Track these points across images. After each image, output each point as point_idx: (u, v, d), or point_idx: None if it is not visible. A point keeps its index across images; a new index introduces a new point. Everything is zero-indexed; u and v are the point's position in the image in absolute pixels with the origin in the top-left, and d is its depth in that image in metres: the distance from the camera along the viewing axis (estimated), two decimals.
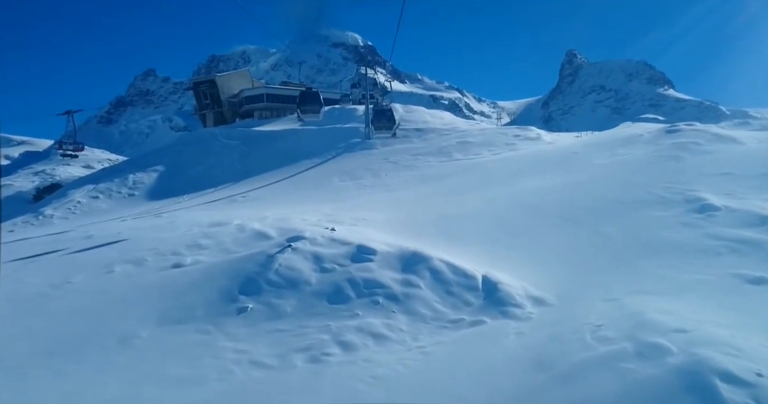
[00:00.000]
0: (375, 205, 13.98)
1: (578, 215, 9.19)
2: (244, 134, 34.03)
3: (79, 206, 20.39)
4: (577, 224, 8.83)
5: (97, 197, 21.48)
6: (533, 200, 10.62)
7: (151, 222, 12.01)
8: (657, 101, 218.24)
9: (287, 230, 8.82)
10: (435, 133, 28.82)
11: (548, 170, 13.79)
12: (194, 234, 9.26)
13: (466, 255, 7.81)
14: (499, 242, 8.51)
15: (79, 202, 20.73)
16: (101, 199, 21.37)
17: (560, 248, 7.86)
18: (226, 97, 52.43)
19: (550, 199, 10.51)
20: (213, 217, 11.98)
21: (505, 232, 9.03)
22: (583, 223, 8.80)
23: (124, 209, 19.40)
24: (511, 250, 8.07)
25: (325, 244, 7.78)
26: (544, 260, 7.47)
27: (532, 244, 8.24)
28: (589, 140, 19.11)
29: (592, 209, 9.41)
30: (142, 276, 6.86)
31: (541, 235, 8.58)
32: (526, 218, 9.59)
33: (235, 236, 8.84)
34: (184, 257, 7.66)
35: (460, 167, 19.24)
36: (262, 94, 49.13)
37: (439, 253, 7.50)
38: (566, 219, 9.08)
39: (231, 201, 17.67)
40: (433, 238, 9.12)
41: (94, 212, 19.34)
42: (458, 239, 8.97)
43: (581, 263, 7.25)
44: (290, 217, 11.19)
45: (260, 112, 49.70)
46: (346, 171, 21.94)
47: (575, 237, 8.25)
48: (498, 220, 9.78)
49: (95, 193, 21.96)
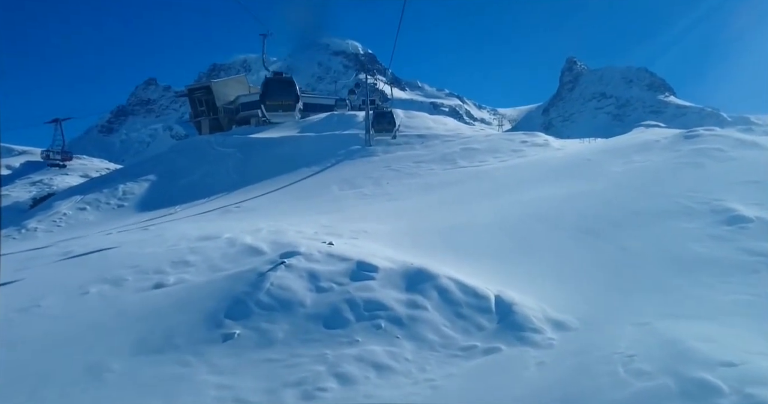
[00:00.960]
0: (376, 215, 13.55)
1: (597, 226, 8.73)
2: (240, 142, 33.74)
3: (64, 218, 19.98)
4: (597, 236, 8.37)
5: (85, 209, 21.07)
6: (547, 210, 10.17)
7: (137, 236, 11.57)
8: (658, 108, 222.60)
9: (281, 245, 8.38)
10: (438, 139, 28.47)
11: (560, 177, 13.34)
12: (181, 249, 8.81)
13: (476, 272, 7.34)
14: (511, 257, 8.04)
15: (65, 214, 20.32)
16: (88, 211, 20.96)
17: (580, 264, 7.39)
18: (222, 103, 52.32)
19: (565, 209, 10.05)
20: (203, 229, 11.55)
21: (517, 246, 8.57)
22: (603, 236, 8.34)
23: (113, 221, 18.98)
24: (525, 266, 7.60)
25: (322, 260, 7.32)
26: (563, 278, 7.00)
27: (548, 259, 7.77)
28: (601, 146, 18.69)
29: (612, 220, 8.95)
30: (119, 298, 6.40)
31: (558, 249, 8.11)
32: (541, 230, 9.13)
33: (224, 252, 8.40)
34: (168, 275, 7.21)
35: (466, 174, 18.82)
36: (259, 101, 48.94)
37: (447, 269, 7.04)
38: (585, 231, 8.62)
39: (225, 212, 17.24)
40: (439, 252, 8.67)
41: (81, 225, 18.93)
42: (467, 253, 8.51)
43: (604, 281, 6.77)
44: (285, 229, 10.76)
45: (257, 118, 49.49)
46: (345, 179, 21.54)
47: (596, 252, 7.78)
48: (509, 232, 9.33)
49: (82, 204, 21.56)
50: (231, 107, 52.34)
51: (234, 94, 52.45)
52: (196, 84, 51.24)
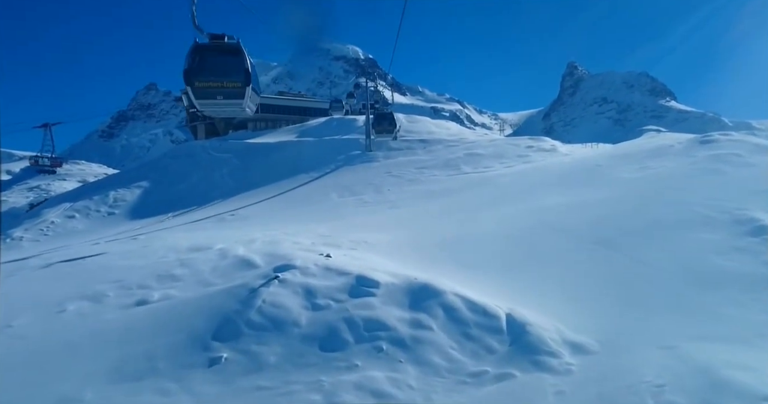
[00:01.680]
0: (377, 224, 13.21)
1: (613, 237, 8.38)
2: (236, 147, 33.49)
3: (52, 227, 19.65)
4: (611, 248, 8.01)
5: (73, 217, 20.74)
6: (557, 219, 9.82)
7: (124, 246, 11.23)
8: (659, 113, 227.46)
9: (276, 257, 8.04)
10: (441, 144, 28.20)
11: (570, 184, 13.01)
12: (169, 262, 8.47)
13: (484, 287, 6.99)
14: (521, 271, 7.68)
15: (52, 222, 19.99)
16: (77, 219, 20.63)
17: (597, 279, 7.03)
18: None
19: (576, 218, 9.71)
20: (194, 239, 11.22)
21: (527, 257, 8.21)
22: (620, 247, 7.98)
23: (102, 229, 18.65)
24: (536, 280, 7.24)
25: (319, 274, 6.97)
26: (578, 294, 6.64)
27: (560, 273, 7.41)
28: (611, 151, 18.38)
29: (629, 230, 8.60)
30: (98, 316, 6.05)
31: (571, 262, 7.75)
32: (551, 240, 8.78)
33: (215, 264, 8.05)
34: (153, 291, 6.86)
35: (470, 181, 18.51)
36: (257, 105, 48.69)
37: (453, 285, 6.69)
38: (598, 242, 8.27)
39: (219, 220, 16.91)
40: (444, 265, 8.32)
41: (69, 234, 18.59)
42: (474, 266, 8.15)
43: (623, 297, 6.41)
44: (281, 240, 10.43)
45: (254, 123, 49.29)
46: (345, 186, 21.23)
47: (613, 265, 7.43)
48: (518, 243, 8.98)
49: (71, 212, 21.23)
50: None
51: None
52: None
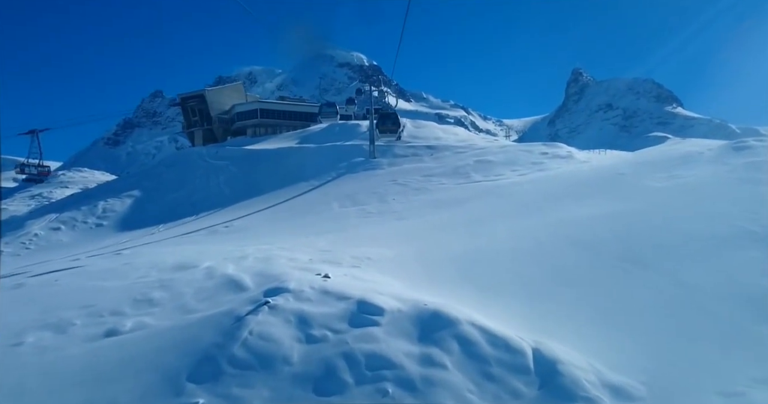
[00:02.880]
0: (381, 237, 12.59)
1: (647, 255, 7.70)
2: (234, 154, 33.09)
3: (35, 239, 19.14)
4: (648, 268, 7.33)
5: (59, 229, 20.25)
6: (581, 234, 9.15)
7: (105, 263, 10.64)
8: (665, 119, 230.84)
9: (267, 278, 7.43)
10: (449, 150, 27.65)
11: (592, 194, 12.35)
12: (149, 282, 7.86)
13: (504, 314, 6.33)
14: (545, 294, 7.01)
15: (36, 235, 19.49)
16: (63, 231, 20.13)
17: (635, 305, 6.36)
18: (216, 113, 51.93)
19: (603, 232, 9.04)
20: (181, 255, 10.63)
21: (551, 278, 7.55)
22: (656, 267, 7.31)
23: (88, 242, 18.11)
24: (564, 306, 6.57)
25: (315, 299, 6.33)
26: (614, 323, 5.96)
27: (591, 297, 6.74)
28: (634, 158, 17.72)
29: (664, 247, 7.92)
30: (59, 351, 5.43)
31: (602, 283, 7.08)
32: (576, 258, 8.12)
33: (200, 286, 7.43)
34: (125, 318, 6.23)
35: (481, 190, 17.87)
36: (256, 110, 48.51)
37: (469, 311, 6.03)
38: (633, 261, 7.59)
39: (211, 232, 16.33)
40: (456, 286, 7.67)
41: (53, 247, 18.07)
42: (490, 287, 7.50)
43: (667, 327, 5.73)
44: (275, 256, 9.82)
45: (253, 129, 48.99)
46: (347, 195, 20.64)
47: (651, 288, 6.75)
48: (539, 261, 8.32)
49: (57, 223, 20.75)
50: (226, 116, 51.93)
51: (230, 103, 52.06)
52: (190, 92, 50.83)
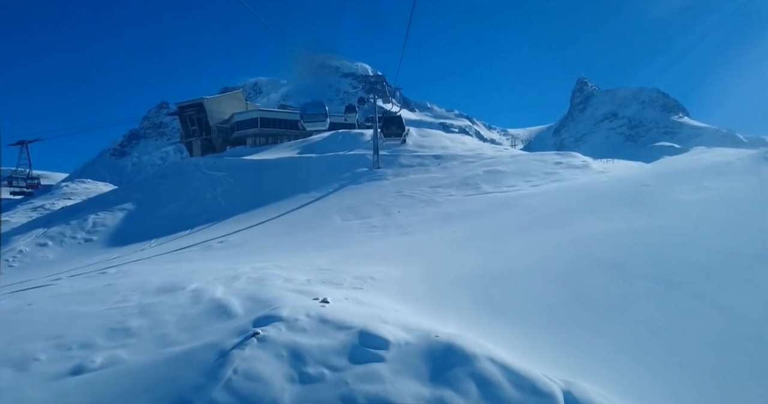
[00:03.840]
0: (385, 254, 12.02)
1: (683, 277, 7.09)
2: (232, 164, 32.75)
3: (19, 256, 18.66)
4: (685, 291, 6.72)
5: (46, 245, 19.78)
6: (606, 252, 8.55)
7: (84, 284, 10.11)
8: (672, 129, 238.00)
9: (259, 303, 6.86)
10: (457, 160, 27.16)
11: (614, 208, 11.75)
12: (128, 308, 7.32)
13: (526, 346, 5.73)
14: (572, 322, 6.40)
15: (20, 252, 19.01)
16: (50, 247, 19.66)
17: (673, 334, 5.74)
18: (215, 122, 51.80)
19: (630, 250, 8.44)
20: (169, 275, 10.10)
21: (576, 303, 6.94)
22: (694, 290, 6.69)
23: (75, 258, 17.63)
24: (594, 336, 5.96)
25: (311, 328, 5.76)
26: (654, 358, 5.35)
27: (624, 325, 6.13)
28: (656, 169, 17.12)
29: (701, 267, 7.31)
30: (16, 392, 4.87)
31: (637, 310, 6.47)
32: (603, 280, 7.51)
33: (184, 312, 6.88)
34: (96, 352, 5.68)
35: (492, 202, 17.30)
36: (256, 119, 48.31)
37: (486, 344, 5.43)
38: (667, 284, 6.98)
39: (205, 248, 15.81)
40: (470, 312, 7.08)
41: (38, 265, 17.58)
42: (507, 313, 6.90)
43: (718, 363, 5.11)
44: (270, 276, 9.27)
45: (253, 138, 48.80)
46: (350, 207, 20.12)
47: (691, 315, 6.13)
48: (561, 282, 7.71)
49: (44, 239, 20.30)
50: (225, 126, 51.79)
51: (229, 112, 51.97)
52: (188, 101, 50.75)
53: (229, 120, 50.76)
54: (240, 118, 49.23)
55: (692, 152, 19.43)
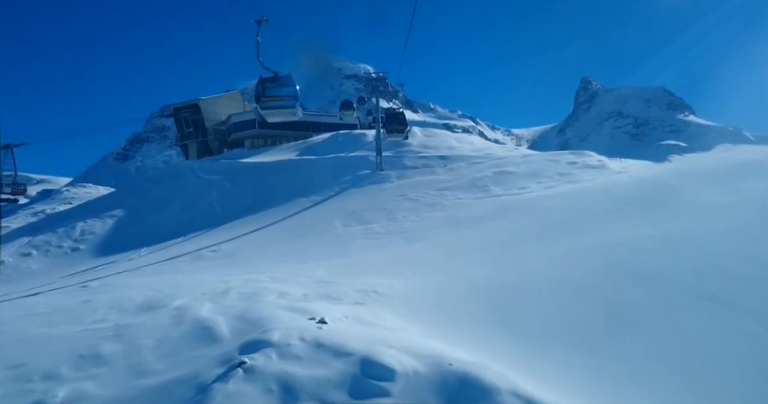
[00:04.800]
0: (389, 264, 11.44)
1: (729, 292, 6.47)
2: (228, 168, 32.26)
3: (1, 268, 18.15)
4: (733, 308, 6.09)
5: (30, 255, 19.29)
6: (639, 263, 7.93)
7: (61, 301, 9.57)
8: (678, 127, 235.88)
9: (249, 323, 6.29)
10: (464, 161, 26.57)
11: (640, 212, 11.14)
12: (103, 330, 6.77)
13: (553, 374, 5.13)
14: (605, 344, 5.79)
15: (2, 262, 18.51)
16: (34, 257, 19.17)
17: (727, 359, 5.13)
18: (211, 124, 51.36)
19: (667, 261, 7.81)
20: (154, 289, 9.55)
21: (609, 322, 6.32)
22: (743, 307, 6.07)
23: (60, 269, 17.14)
24: (632, 362, 5.35)
25: (306, 355, 5.18)
26: (707, 392, 4.73)
27: (669, 348, 5.52)
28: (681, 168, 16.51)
29: (747, 280, 6.69)
30: None
31: (680, 330, 5.85)
32: (639, 295, 6.89)
33: (163, 335, 6.30)
34: (60, 384, 5.11)
35: (503, 205, 16.69)
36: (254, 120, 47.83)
37: (508, 373, 4.83)
38: (711, 299, 6.36)
39: (196, 258, 15.26)
40: (486, 332, 6.47)
41: (20, 276, 17.07)
42: (530, 334, 6.29)
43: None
44: (264, 290, 8.70)
45: (251, 140, 48.34)
46: (352, 212, 19.55)
47: (742, 335, 5.51)
48: (589, 298, 7.10)
49: (28, 248, 19.81)
50: (222, 127, 51.35)
51: (226, 113, 51.53)
52: (183, 102, 50.35)
53: (225, 121, 50.33)
54: (237, 119, 48.78)
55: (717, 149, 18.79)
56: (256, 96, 14.63)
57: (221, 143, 50.73)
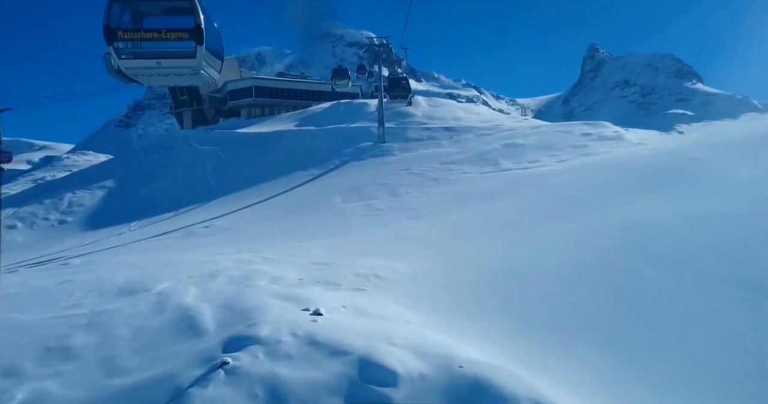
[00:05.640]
0: (392, 244, 10.98)
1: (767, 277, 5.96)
2: (224, 138, 31.60)
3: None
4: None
5: (15, 227, 18.86)
6: (664, 245, 7.41)
7: (39, 280, 9.12)
8: (685, 96, 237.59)
9: (235, 313, 5.83)
10: (471, 133, 25.84)
11: (663, 188, 10.56)
12: (77, 317, 6.33)
13: (575, 375, 4.68)
14: (630, 339, 5.33)
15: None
16: (19, 229, 18.75)
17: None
18: (207, 91, 50.35)
19: (696, 243, 7.29)
20: (138, 269, 9.12)
21: (633, 313, 5.84)
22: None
23: (46, 243, 16.73)
24: (661, 359, 4.88)
25: (298, 354, 4.72)
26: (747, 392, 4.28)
27: (706, 344, 5.05)
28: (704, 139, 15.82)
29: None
30: None
31: (714, 324, 5.37)
32: (666, 282, 6.39)
33: (141, 325, 5.86)
34: (20, 384, 4.68)
35: (513, 180, 16.11)
36: (250, 87, 46.85)
37: (525, 376, 4.36)
38: (752, 288, 5.86)
39: (188, 234, 14.82)
40: (497, 324, 6.01)
41: (3, 250, 16.67)
42: (546, 326, 5.83)
43: None
44: (256, 273, 8.25)
45: (248, 109, 47.42)
46: (352, 187, 19.01)
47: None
48: (610, 285, 6.61)
49: (13, 220, 19.37)
50: (218, 95, 50.38)
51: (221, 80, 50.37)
52: None
53: (221, 89, 49.33)
54: (233, 87, 47.76)
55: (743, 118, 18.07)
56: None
57: (217, 112, 49.87)
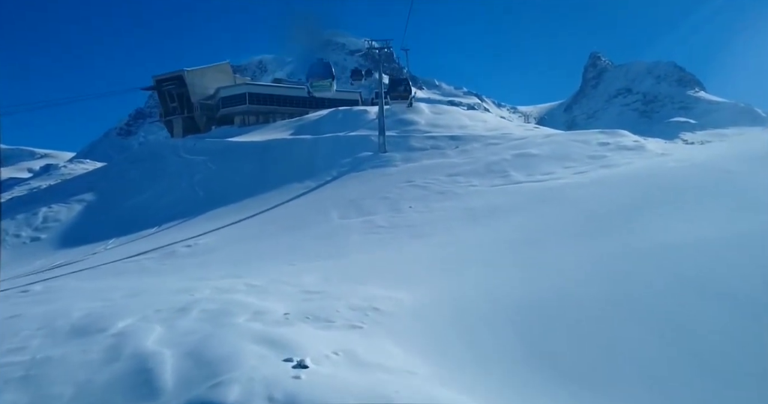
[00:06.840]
0: (394, 267, 10.12)
1: None
2: (215, 147, 30.87)
3: None
4: None
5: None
6: (716, 277, 6.51)
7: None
8: (687, 104, 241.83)
9: (202, 365, 4.93)
10: (478, 142, 25.07)
11: (696, 204, 9.71)
12: (14, 365, 5.47)
13: None
14: (694, 397, 4.43)
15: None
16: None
17: None
18: (198, 98, 49.74)
19: (745, 270, 6.39)
20: (101, 300, 8.26)
21: (696, 367, 4.94)
22: None
23: (17, 263, 15.85)
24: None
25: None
26: None
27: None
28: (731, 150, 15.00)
29: None
30: None
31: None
32: (726, 324, 5.49)
33: (87, 378, 4.97)
34: None
35: (527, 194, 15.24)
36: (244, 94, 46.20)
37: None
38: None
39: (168, 254, 13.95)
40: (525, 377, 5.13)
41: None
42: (587, 382, 4.93)
43: None
44: (236, 305, 7.39)
45: (242, 117, 46.77)
46: (350, 201, 18.17)
47: None
48: (658, 326, 5.72)
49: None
50: (210, 102, 49.73)
51: (214, 86, 49.81)
52: (166, 74, 48.61)
53: (214, 96, 48.70)
54: (226, 93, 47.10)
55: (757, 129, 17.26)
56: None
57: (209, 120, 49.18)
